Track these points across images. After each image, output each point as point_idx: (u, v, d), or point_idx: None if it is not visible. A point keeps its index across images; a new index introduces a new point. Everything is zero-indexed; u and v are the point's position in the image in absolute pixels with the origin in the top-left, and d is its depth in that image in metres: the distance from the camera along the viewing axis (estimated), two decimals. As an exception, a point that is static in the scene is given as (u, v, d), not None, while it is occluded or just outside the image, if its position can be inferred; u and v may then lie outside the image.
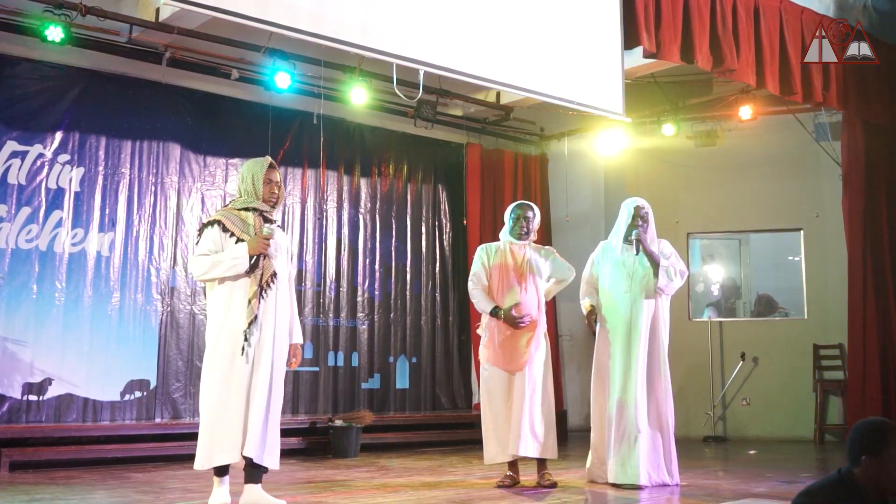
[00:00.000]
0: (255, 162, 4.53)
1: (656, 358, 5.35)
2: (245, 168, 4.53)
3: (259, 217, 4.44)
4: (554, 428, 5.36)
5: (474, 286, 5.47)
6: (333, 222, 8.77)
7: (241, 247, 4.30)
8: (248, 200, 4.46)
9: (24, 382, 6.76)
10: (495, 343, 5.35)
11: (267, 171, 4.48)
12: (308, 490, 5.21)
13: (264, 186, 4.47)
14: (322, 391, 8.43)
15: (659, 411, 5.30)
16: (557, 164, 10.08)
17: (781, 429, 9.14)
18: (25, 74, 7.01)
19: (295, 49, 7.41)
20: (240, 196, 4.51)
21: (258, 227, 4.39)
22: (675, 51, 6.50)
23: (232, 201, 4.58)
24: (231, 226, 4.36)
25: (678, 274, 5.43)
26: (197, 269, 4.33)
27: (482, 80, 6.11)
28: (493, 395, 5.32)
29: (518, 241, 5.48)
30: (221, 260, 4.28)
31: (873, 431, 2.71)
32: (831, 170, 8.99)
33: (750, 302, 10.40)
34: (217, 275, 4.29)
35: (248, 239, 4.33)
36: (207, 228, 4.38)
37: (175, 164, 7.76)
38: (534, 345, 5.34)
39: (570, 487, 5.32)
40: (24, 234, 6.89)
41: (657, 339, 5.37)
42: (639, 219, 5.47)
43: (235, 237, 4.33)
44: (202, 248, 4.33)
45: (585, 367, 8.98)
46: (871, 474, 2.66)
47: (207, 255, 4.30)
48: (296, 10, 5.11)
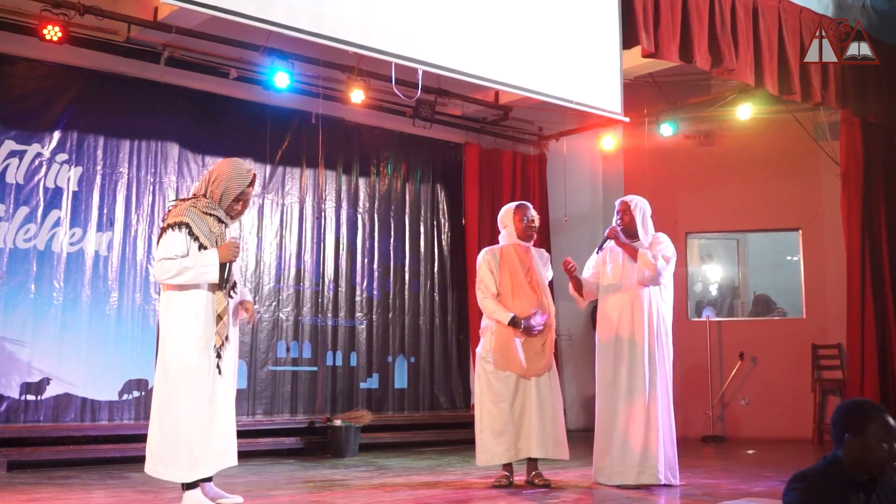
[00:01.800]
0: (238, 172, 4.35)
1: (655, 356, 5.31)
2: (224, 172, 4.33)
3: (220, 224, 4.33)
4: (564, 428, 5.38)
5: (484, 296, 5.33)
6: (332, 222, 8.76)
7: (211, 254, 4.19)
8: (212, 205, 4.32)
9: (23, 382, 6.75)
10: (511, 348, 5.23)
11: (247, 188, 4.36)
12: (306, 489, 5.20)
13: (236, 203, 4.36)
14: (320, 391, 8.42)
15: (660, 411, 5.27)
16: (556, 164, 10.08)
17: (780, 428, 9.14)
18: (23, 73, 7.00)
19: (293, 49, 7.40)
20: (205, 197, 4.33)
21: (220, 234, 4.29)
22: (673, 50, 6.50)
23: (195, 199, 4.35)
24: (197, 231, 4.22)
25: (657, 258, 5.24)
26: (162, 272, 4.18)
27: (481, 79, 6.10)
28: (502, 398, 5.21)
29: (525, 242, 5.45)
30: (190, 266, 4.15)
31: (854, 409, 2.73)
32: (830, 169, 8.99)
33: (748, 302, 10.41)
34: (183, 281, 4.17)
35: (219, 246, 4.23)
36: (174, 230, 4.20)
37: (173, 164, 7.76)
38: (549, 348, 5.32)
39: (567, 487, 5.31)
40: (22, 234, 6.88)
41: (657, 337, 5.33)
42: (616, 215, 5.49)
43: (199, 243, 4.21)
44: (168, 252, 4.17)
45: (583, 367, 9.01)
46: (855, 453, 2.67)
47: (174, 259, 4.16)
48: (295, 9, 5.11)
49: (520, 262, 5.38)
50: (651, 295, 5.35)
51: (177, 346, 4.21)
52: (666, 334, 5.38)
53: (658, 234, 5.48)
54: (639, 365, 5.26)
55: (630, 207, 5.47)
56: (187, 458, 4.18)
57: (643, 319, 5.30)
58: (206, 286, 4.24)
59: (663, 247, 5.36)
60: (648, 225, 5.49)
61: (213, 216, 4.31)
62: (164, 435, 4.21)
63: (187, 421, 4.17)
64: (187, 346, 4.20)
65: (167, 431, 4.20)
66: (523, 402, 5.23)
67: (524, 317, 5.23)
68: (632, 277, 5.34)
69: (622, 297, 5.36)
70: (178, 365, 4.20)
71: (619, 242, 5.41)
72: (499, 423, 5.21)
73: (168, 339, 4.24)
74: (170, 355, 4.22)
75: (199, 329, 4.21)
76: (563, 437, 5.30)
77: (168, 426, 4.19)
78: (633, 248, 5.36)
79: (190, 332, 4.20)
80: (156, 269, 4.24)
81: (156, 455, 4.23)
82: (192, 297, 4.23)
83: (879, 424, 2.66)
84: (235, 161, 4.44)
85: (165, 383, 4.24)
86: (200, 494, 4.26)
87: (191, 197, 4.41)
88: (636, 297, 5.32)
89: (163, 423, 4.22)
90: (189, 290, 4.22)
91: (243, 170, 4.39)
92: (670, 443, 5.28)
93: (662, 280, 5.32)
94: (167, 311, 4.27)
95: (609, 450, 5.26)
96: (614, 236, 5.41)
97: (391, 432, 8.13)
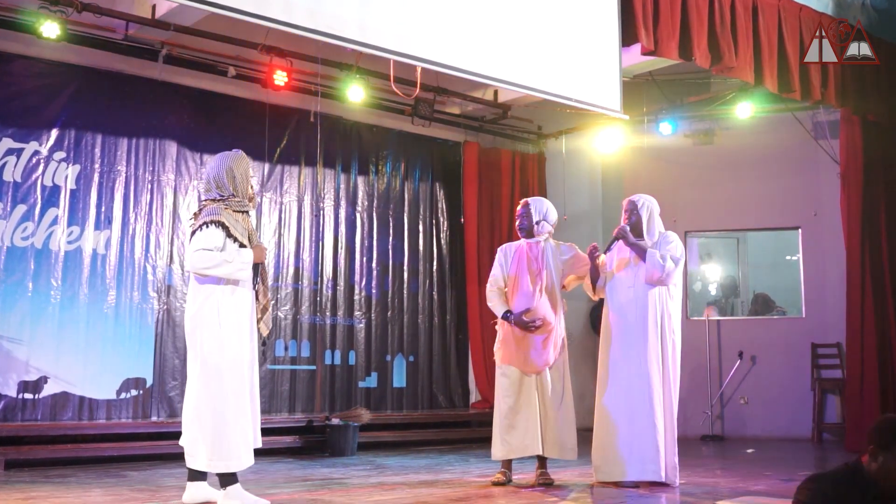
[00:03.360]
0: (240, 158, 4.48)
1: (661, 355, 5.28)
2: (235, 165, 4.43)
3: (249, 220, 4.48)
4: (574, 429, 5.38)
5: (490, 288, 5.51)
6: (330, 220, 8.75)
7: (248, 253, 4.35)
8: (242, 203, 4.44)
9: (20, 381, 6.73)
10: (511, 344, 5.34)
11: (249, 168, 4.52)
12: (305, 488, 5.19)
13: (250, 187, 4.52)
14: (319, 389, 8.41)
15: (665, 409, 5.24)
16: (555, 163, 10.07)
17: (779, 427, 9.13)
18: (21, 71, 6.98)
19: (292, 46, 7.39)
20: (234, 196, 4.42)
21: (252, 231, 4.45)
22: (672, 48, 6.49)
23: (227, 199, 4.43)
24: (234, 231, 4.34)
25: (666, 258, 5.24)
26: (200, 262, 4.25)
27: (480, 76, 6.09)
28: (507, 393, 5.32)
29: (526, 238, 5.46)
30: (230, 261, 4.26)
31: (887, 425, 2.72)
32: (829, 168, 8.98)
33: (747, 301, 10.40)
34: (219, 273, 4.27)
35: (253, 247, 4.39)
36: (209, 227, 4.30)
37: (171, 162, 7.74)
38: (550, 346, 5.32)
39: (567, 485, 5.30)
40: (20, 232, 6.86)
41: (663, 336, 5.30)
42: (623, 214, 5.48)
43: (238, 242, 4.33)
44: (208, 243, 4.25)
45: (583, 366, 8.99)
46: (880, 469, 2.65)
47: (212, 251, 4.25)
48: (293, 6, 5.10)
49: (528, 260, 5.40)
50: (658, 293, 5.33)
51: (217, 339, 4.26)
52: (671, 333, 5.34)
53: (667, 234, 5.46)
54: (644, 363, 5.24)
55: (637, 206, 5.46)
56: (238, 448, 4.23)
57: (650, 318, 5.29)
58: (243, 282, 4.36)
59: (672, 247, 5.35)
60: (655, 224, 5.47)
61: (244, 213, 4.46)
62: (215, 428, 4.22)
63: (236, 412, 4.23)
64: (228, 339, 4.26)
65: (218, 424, 4.22)
66: (527, 399, 5.27)
67: (518, 313, 5.30)
68: (639, 276, 5.33)
69: (629, 296, 5.35)
70: (218, 358, 4.25)
71: (627, 242, 5.40)
72: (506, 418, 5.30)
73: (207, 333, 4.28)
74: (209, 349, 4.26)
75: (238, 321, 4.31)
76: (567, 437, 5.32)
77: (219, 419, 4.22)
78: (642, 248, 5.35)
79: (230, 325, 4.28)
80: (192, 259, 4.28)
81: (210, 450, 4.22)
82: (232, 292, 4.32)
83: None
84: (235, 154, 4.51)
85: (207, 377, 4.26)
86: (240, 488, 4.29)
87: (219, 199, 4.42)
88: (643, 296, 5.31)
89: (213, 416, 4.23)
90: (229, 285, 4.32)
91: (240, 155, 4.53)
92: (672, 442, 5.26)
93: (671, 280, 5.31)
94: (204, 305, 4.30)
95: (610, 447, 5.24)
96: (623, 235, 5.40)
97: (390, 431, 8.11)
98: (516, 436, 5.26)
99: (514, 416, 5.27)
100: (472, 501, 4.70)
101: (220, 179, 4.42)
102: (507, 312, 5.34)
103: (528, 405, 5.26)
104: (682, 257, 5.37)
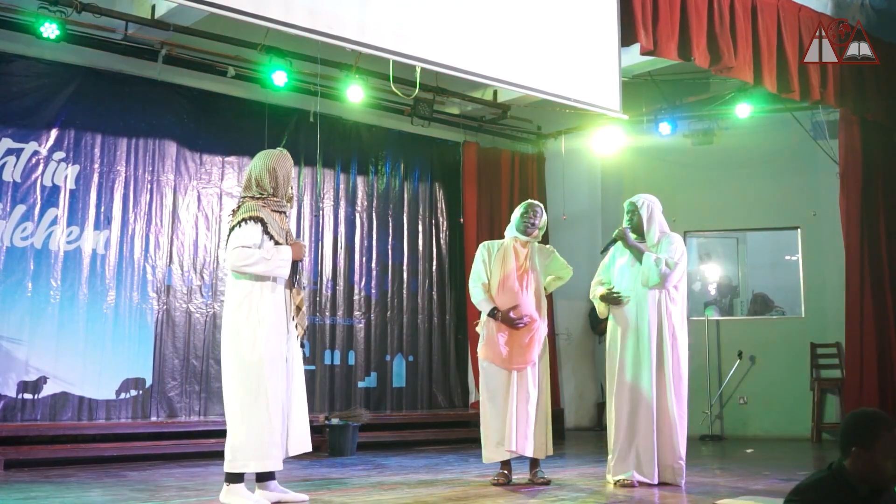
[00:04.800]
0: (284, 158, 4.50)
1: (664, 356, 5.26)
2: (278, 165, 4.45)
3: (286, 219, 4.50)
4: (549, 428, 5.38)
5: (474, 284, 5.44)
6: (330, 220, 8.75)
7: (286, 250, 4.34)
8: (281, 203, 4.46)
9: (20, 381, 6.73)
10: (495, 342, 5.31)
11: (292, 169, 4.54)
12: (304, 488, 5.18)
13: (290, 188, 4.53)
14: (318, 390, 8.40)
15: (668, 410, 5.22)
16: (554, 163, 10.07)
17: (778, 427, 9.14)
18: (20, 71, 6.98)
19: (291, 46, 7.38)
20: (273, 195, 4.43)
21: (288, 231, 4.46)
22: (672, 48, 6.50)
23: (266, 199, 4.43)
24: (271, 229, 4.34)
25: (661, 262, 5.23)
26: (239, 259, 4.23)
27: (479, 76, 6.10)
28: (494, 393, 5.28)
29: (523, 236, 5.45)
30: (268, 258, 4.26)
31: (864, 422, 2.67)
32: (829, 168, 8.98)
33: (747, 301, 10.40)
34: (259, 271, 4.26)
35: (291, 245, 4.40)
36: (249, 223, 4.29)
37: (171, 162, 7.74)
38: (535, 344, 5.32)
39: (565, 485, 5.31)
40: (19, 232, 6.86)
41: (665, 337, 5.28)
42: (625, 215, 5.48)
43: (274, 240, 4.33)
44: (246, 240, 4.25)
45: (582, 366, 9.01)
46: (861, 467, 2.62)
47: (251, 249, 4.24)
48: (292, 6, 5.10)
49: (515, 257, 5.39)
50: (658, 295, 5.30)
51: (254, 337, 4.24)
52: (673, 336, 5.31)
53: (670, 235, 5.45)
54: (646, 365, 5.23)
55: (637, 207, 5.46)
56: (245, 451, 4.20)
57: (650, 320, 5.27)
58: (280, 280, 4.36)
59: (672, 248, 5.33)
60: (656, 224, 5.44)
61: (282, 213, 4.48)
62: (251, 426, 4.20)
63: (273, 409, 4.22)
64: (266, 336, 4.25)
65: (254, 422, 4.20)
66: (513, 397, 5.23)
67: (505, 310, 5.28)
68: (639, 279, 5.33)
69: (631, 298, 5.34)
70: (255, 356, 4.23)
71: (626, 244, 5.40)
72: (493, 419, 5.26)
73: (245, 331, 4.26)
74: (246, 346, 4.25)
75: (276, 319, 4.30)
76: (544, 435, 5.32)
77: (256, 417, 4.20)
78: (640, 251, 5.35)
79: (268, 323, 4.27)
80: (231, 257, 4.28)
81: (237, 449, 4.21)
82: (271, 289, 4.32)
83: (889, 440, 2.60)
84: (279, 153, 4.53)
85: (244, 375, 4.24)
86: (244, 488, 4.27)
87: (258, 197, 4.43)
88: (643, 298, 5.29)
89: (249, 414, 4.21)
90: (267, 282, 4.31)
91: (284, 154, 4.56)
92: (681, 443, 5.24)
93: (668, 284, 5.29)
94: (243, 303, 4.29)
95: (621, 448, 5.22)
96: (622, 237, 5.40)
97: (389, 431, 8.11)
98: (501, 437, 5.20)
99: (501, 417, 5.22)
100: (471, 501, 4.71)
101: (261, 178, 4.44)
102: (494, 310, 5.31)
103: (513, 403, 5.22)
104: (681, 260, 5.34)
